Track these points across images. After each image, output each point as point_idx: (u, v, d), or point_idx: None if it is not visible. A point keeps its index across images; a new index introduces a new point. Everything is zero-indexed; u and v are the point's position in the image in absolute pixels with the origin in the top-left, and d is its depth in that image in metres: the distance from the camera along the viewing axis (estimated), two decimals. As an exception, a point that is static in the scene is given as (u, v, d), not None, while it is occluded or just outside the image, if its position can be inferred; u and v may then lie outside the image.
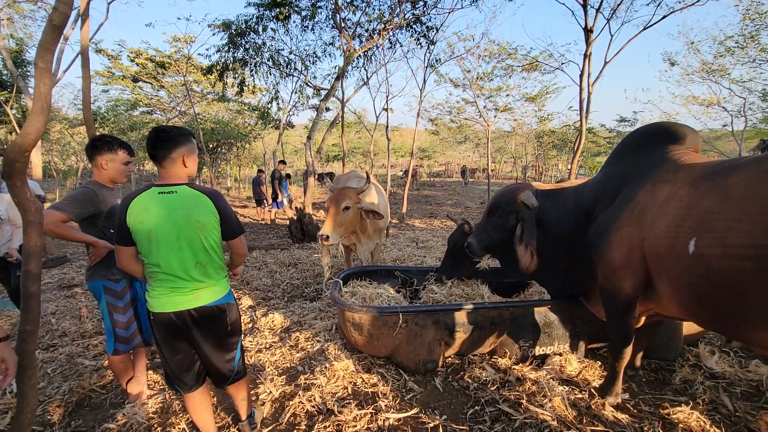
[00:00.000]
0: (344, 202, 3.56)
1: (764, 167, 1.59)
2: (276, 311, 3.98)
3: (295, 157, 37.62)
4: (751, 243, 1.50)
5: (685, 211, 1.81)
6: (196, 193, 1.73)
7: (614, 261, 2.18)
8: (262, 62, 9.33)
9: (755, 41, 12.92)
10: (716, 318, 1.76)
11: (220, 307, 1.82)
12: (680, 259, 1.78)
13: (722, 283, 1.62)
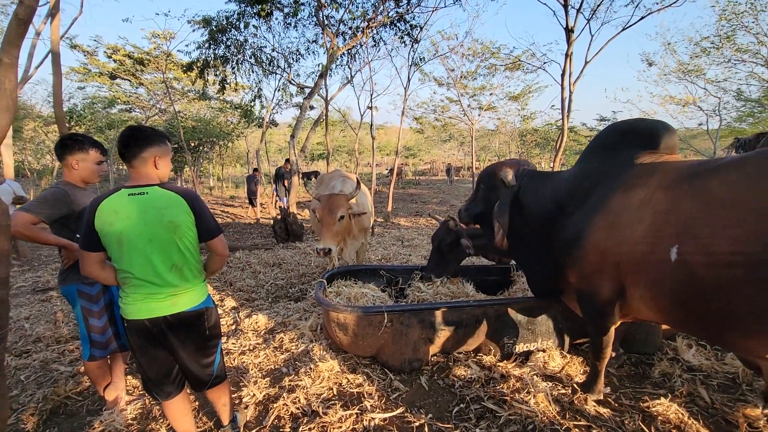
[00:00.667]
0: (339, 211, 3.42)
1: (746, 169, 1.56)
2: (260, 312, 3.92)
3: (279, 156, 37.19)
4: (740, 250, 1.46)
5: (664, 216, 1.77)
6: (168, 193, 1.67)
7: (589, 266, 2.15)
8: (244, 60, 9.18)
9: (731, 41, 13.33)
10: (699, 324, 1.72)
11: (198, 312, 1.77)
12: (660, 266, 1.74)
13: (707, 291, 1.58)
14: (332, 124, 24.47)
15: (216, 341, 1.89)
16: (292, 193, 7.85)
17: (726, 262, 1.49)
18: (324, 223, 3.42)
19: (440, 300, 3.32)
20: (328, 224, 3.39)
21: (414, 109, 17.05)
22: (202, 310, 1.78)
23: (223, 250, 1.84)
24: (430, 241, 3.80)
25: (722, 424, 2.20)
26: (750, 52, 13.34)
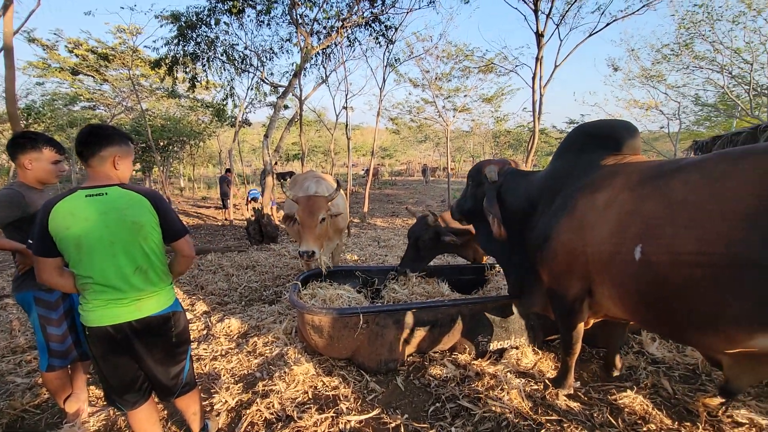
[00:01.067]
0: (320, 213, 3.34)
1: (706, 170, 1.58)
2: (233, 316, 3.83)
3: (253, 156, 36.51)
4: (702, 250, 1.47)
5: (628, 216, 1.79)
6: (129, 192, 1.59)
7: (558, 267, 2.20)
8: (215, 57, 8.94)
9: (689, 49, 14.04)
10: (663, 323, 1.76)
11: (164, 317, 1.70)
12: (626, 266, 1.75)
13: (670, 291, 1.60)
14: (307, 124, 24.24)
15: (185, 347, 1.83)
16: (266, 194, 7.70)
17: (688, 262, 1.51)
18: (305, 225, 3.33)
19: (416, 300, 3.33)
20: (310, 227, 3.30)
21: (390, 110, 17.11)
22: (168, 315, 1.72)
23: (189, 251, 1.77)
24: (407, 241, 3.81)
25: (684, 413, 2.30)
26: (707, 59, 14.10)
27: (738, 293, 1.40)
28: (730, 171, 1.49)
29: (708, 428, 2.15)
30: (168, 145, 16.57)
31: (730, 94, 14.26)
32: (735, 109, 14.79)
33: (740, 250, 1.38)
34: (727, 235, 1.41)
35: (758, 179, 1.39)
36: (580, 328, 2.33)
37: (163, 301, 1.71)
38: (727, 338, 1.51)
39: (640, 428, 2.16)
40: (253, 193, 11.93)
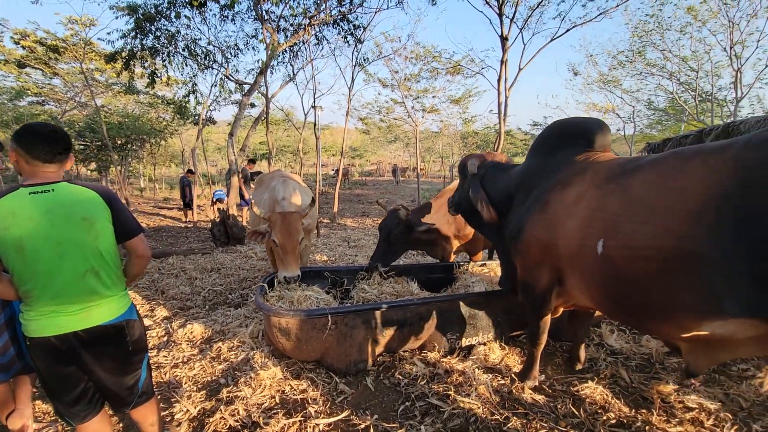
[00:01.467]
0: (299, 233, 3.20)
1: (661, 168, 1.66)
2: (195, 321, 3.67)
3: (219, 155, 35.42)
4: (654, 245, 1.54)
5: (593, 212, 1.86)
6: (79, 188, 1.50)
7: (530, 259, 2.28)
8: (176, 52, 8.56)
9: (642, 56, 14.87)
10: (624, 312, 1.85)
11: (117, 326, 1.59)
12: (590, 259, 1.83)
13: (629, 282, 1.67)
14: (275, 123, 23.74)
15: (141, 356, 1.72)
16: (231, 194, 7.47)
17: (643, 256, 1.59)
18: (286, 249, 3.15)
19: (385, 299, 3.32)
20: (292, 250, 3.13)
21: (359, 110, 17.04)
22: (122, 323, 1.61)
23: (144, 251, 1.67)
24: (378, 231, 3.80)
25: (640, 401, 2.41)
26: (657, 66, 14.99)
27: (687, 284, 1.48)
28: (679, 169, 1.57)
29: (662, 414, 2.26)
30: (126, 144, 15.75)
31: (679, 99, 15.22)
32: (683, 114, 15.81)
33: (687, 243, 1.45)
34: (675, 230, 1.49)
35: (703, 177, 1.47)
36: (547, 319, 2.42)
37: (116, 308, 1.60)
38: (680, 326, 1.60)
39: (601, 417, 2.24)
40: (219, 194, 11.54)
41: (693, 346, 1.73)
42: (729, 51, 12.73)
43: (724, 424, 2.16)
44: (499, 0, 8.05)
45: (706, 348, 1.68)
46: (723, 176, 1.40)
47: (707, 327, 1.51)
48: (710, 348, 1.67)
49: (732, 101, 13.54)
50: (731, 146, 1.46)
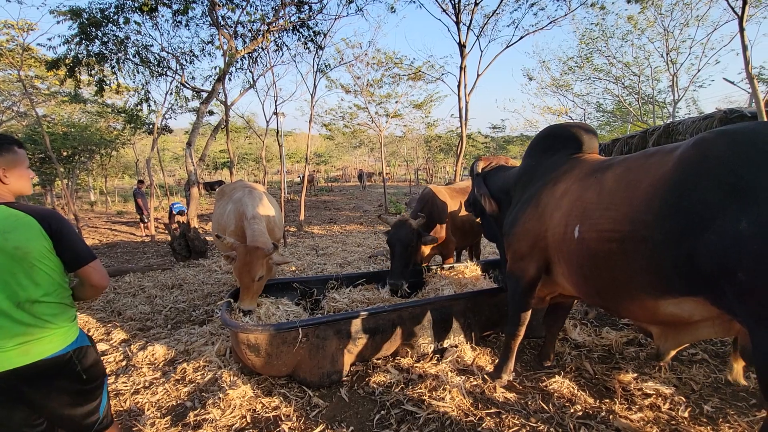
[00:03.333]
0: (258, 272, 3.07)
1: (628, 164, 1.87)
2: (157, 342, 3.48)
3: (177, 165, 34.02)
4: (615, 228, 1.74)
5: (574, 202, 2.07)
6: (15, 212, 1.36)
7: (521, 250, 2.44)
8: (126, 58, 8.14)
9: (589, 62, 15.79)
10: (598, 294, 2.01)
11: (63, 358, 1.45)
12: (570, 244, 2.02)
13: (598, 263, 1.85)
14: (236, 130, 23.12)
15: (98, 382, 1.59)
16: (192, 206, 7.18)
17: (607, 239, 1.79)
18: (242, 283, 3.08)
19: (356, 308, 3.30)
20: (247, 285, 3.06)
21: (322, 116, 16.95)
22: (68, 354, 1.47)
23: (98, 280, 1.53)
24: (346, 247, 3.76)
25: (603, 391, 2.53)
26: (604, 71, 15.96)
27: (641, 265, 1.65)
28: (640, 165, 1.78)
29: (623, 402, 2.39)
30: (73, 155, 14.77)
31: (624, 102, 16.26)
32: (629, 115, 16.89)
33: (639, 227, 1.63)
34: (631, 216, 1.68)
35: (655, 171, 1.66)
36: (528, 312, 2.56)
37: (61, 340, 1.46)
38: (643, 306, 1.76)
39: (569, 410, 2.33)
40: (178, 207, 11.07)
41: (661, 330, 1.89)
42: (665, 57, 13.77)
43: (679, 407, 2.31)
44: (456, 8, 8.29)
45: (672, 331, 1.84)
46: (669, 170, 1.58)
47: (666, 306, 1.67)
48: (675, 331, 1.83)
49: (671, 103, 14.63)
50: (681, 145, 1.65)
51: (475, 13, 8.47)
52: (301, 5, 8.12)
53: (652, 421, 2.21)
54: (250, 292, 3.06)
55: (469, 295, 3.19)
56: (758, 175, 1.32)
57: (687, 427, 2.16)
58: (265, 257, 3.13)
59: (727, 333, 1.66)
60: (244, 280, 3.06)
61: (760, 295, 1.28)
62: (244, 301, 3.04)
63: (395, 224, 3.63)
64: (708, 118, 7.05)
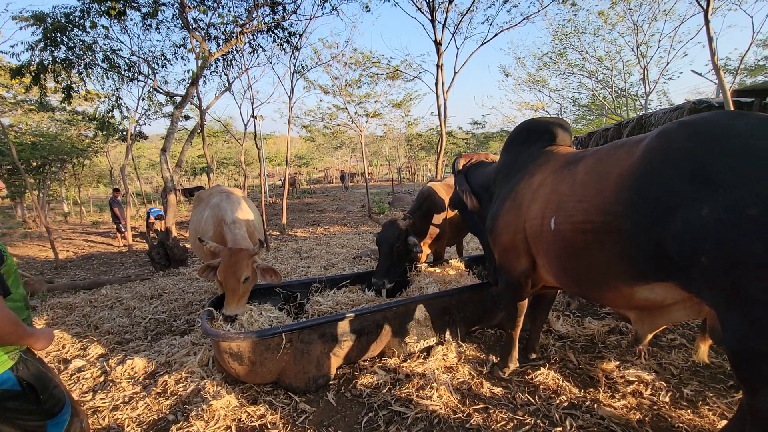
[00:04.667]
0: (243, 273, 3.00)
1: (598, 156, 1.91)
2: (136, 355, 3.37)
3: (154, 172, 33.21)
4: (588, 219, 1.78)
5: (549, 195, 2.10)
6: None
7: (504, 243, 2.47)
8: (94, 64, 7.89)
9: (563, 57, 16.09)
10: (577, 283, 2.05)
11: None
12: (547, 236, 2.06)
13: (575, 254, 1.90)
14: (213, 135, 22.70)
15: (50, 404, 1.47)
16: (169, 213, 7.00)
17: (581, 230, 1.82)
18: (227, 286, 2.98)
19: (341, 310, 3.26)
20: (233, 288, 2.97)
21: (301, 117, 16.80)
22: None
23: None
24: (330, 250, 3.72)
25: (588, 380, 2.57)
26: (578, 66, 16.30)
27: (615, 254, 1.69)
28: (610, 157, 1.82)
29: (607, 390, 2.42)
30: (43, 166, 14.26)
31: (598, 95, 16.64)
32: (603, 109, 17.28)
33: (610, 218, 1.68)
34: (602, 207, 1.72)
35: (624, 162, 1.69)
36: (524, 303, 2.60)
37: None
38: (619, 293, 1.80)
39: (554, 401, 2.35)
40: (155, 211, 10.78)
41: (638, 314, 1.94)
42: (636, 51, 14.14)
43: (660, 392, 2.37)
44: (430, 6, 8.31)
45: (648, 316, 1.89)
46: (636, 161, 1.62)
47: (640, 292, 1.72)
48: (651, 315, 1.88)
49: (643, 96, 15.04)
50: (647, 136, 1.69)
51: (449, 10, 8.52)
52: (274, 6, 8.00)
53: (635, 407, 2.25)
54: (236, 296, 2.98)
55: (454, 291, 3.20)
56: (716, 163, 1.36)
57: (668, 411, 2.21)
58: (250, 258, 3.07)
59: (698, 315, 1.72)
60: (230, 283, 2.98)
61: (722, 278, 1.33)
62: (230, 305, 2.96)
63: (385, 224, 3.66)
64: (678, 109, 7.27)
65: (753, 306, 1.29)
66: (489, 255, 3.10)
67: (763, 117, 1.40)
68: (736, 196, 1.29)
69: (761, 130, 1.34)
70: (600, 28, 14.30)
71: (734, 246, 1.28)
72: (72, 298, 5.31)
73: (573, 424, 2.13)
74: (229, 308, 2.95)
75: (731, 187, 1.30)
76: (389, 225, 3.62)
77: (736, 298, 1.32)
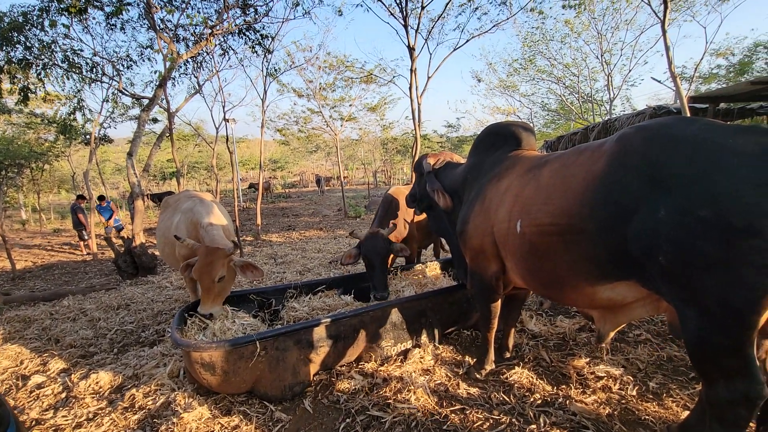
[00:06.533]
0: (218, 271, 2.95)
1: (562, 160, 1.96)
2: (101, 368, 3.21)
3: (120, 176, 31.94)
4: (553, 222, 1.82)
5: (516, 198, 2.14)
6: None
7: (475, 247, 2.49)
8: (54, 64, 7.51)
9: (533, 63, 16.59)
10: (543, 285, 2.10)
11: None
12: (514, 238, 2.10)
13: (540, 256, 1.94)
14: (184, 138, 22.10)
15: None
16: (137, 220, 6.74)
17: (546, 232, 1.87)
18: (202, 285, 2.95)
19: (317, 315, 3.23)
20: (207, 287, 2.94)
21: (275, 121, 16.57)
22: None
23: None
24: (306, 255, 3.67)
25: (560, 377, 2.64)
26: (546, 72, 16.84)
27: (579, 255, 1.75)
28: (573, 160, 1.88)
29: (578, 386, 2.50)
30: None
31: (566, 101, 17.24)
32: (571, 114, 17.92)
33: (574, 220, 1.73)
34: (566, 210, 1.77)
35: (586, 166, 1.76)
36: (497, 304, 2.62)
37: None
38: (583, 293, 1.86)
39: (528, 399, 2.40)
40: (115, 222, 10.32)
41: (601, 313, 2.01)
42: (600, 58, 14.76)
43: (628, 386, 2.46)
44: (403, 12, 8.40)
45: (610, 314, 1.96)
46: (597, 165, 1.69)
47: (603, 291, 1.78)
48: (613, 313, 1.95)
49: (607, 101, 15.69)
50: (608, 140, 1.76)
51: (421, 17, 8.64)
52: (246, 8, 7.88)
53: (604, 402, 2.33)
54: (211, 294, 2.94)
55: (429, 294, 3.22)
56: (670, 166, 1.44)
57: (636, 404, 2.29)
58: (227, 257, 3.02)
59: (657, 311, 1.80)
60: (205, 281, 2.94)
61: (678, 276, 1.40)
62: (205, 304, 2.92)
63: (368, 237, 3.58)
64: (640, 115, 7.63)
65: (707, 302, 1.36)
66: (456, 256, 3.14)
67: (713, 122, 1.49)
68: (688, 198, 1.36)
69: (711, 134, 1.42)
70: (567, 36, 14.87)
71: (688, 245, 1.35)
72: (31, 310, 5.02)
73: (546, 420, 2.18)
74: (204, 307, 2.92)
75: (683, 190, 1.38)
76: (374, 238, 3.56)
77: (692, 295, 1.40)
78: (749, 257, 1.25)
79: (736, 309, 1.32)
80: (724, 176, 1.31)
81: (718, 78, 15.61)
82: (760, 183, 1.25)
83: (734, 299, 1.31)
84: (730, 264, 1.29)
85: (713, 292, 1.34)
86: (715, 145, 1.37)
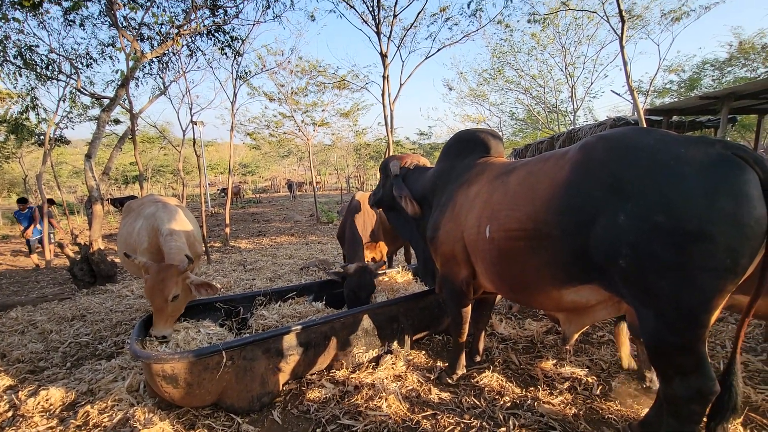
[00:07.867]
0: (171, 291, 2.80)
1: (528, 168, 2.01)
2: (52, 384, 3.00)
3: (78, 180, 30.31)
4: (521, 227, 1.87)
5: (485, 204, 2.18)
6: None
7: (445, 253, 2.51)
8: (6, 60, 7.07)
9: (501, 74, 17.12)
10: (512, 289, 2.14)
11: None
12: (483, 244, 2.13)
13: (508, 261, 1.99)
14: (149, 141, 21.28)
15: None
16: (95, 225, 6.38)
17: (514, 237, 1.92)
18: (154, 306, 2.79)
19: (287, 323, 3.16)
20: (159, 307, 2.79)
21: (246, 124, 16.23)
22: None
23: None
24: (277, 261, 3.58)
25: (528, 380, 2.69)
26: (514, 82, 17.42)
27: (545, 260, 1.80)
28: (539, 167, 1.94)
29: (546, 388, 2.55)
30: (-62, 173, 12.46)
31: (533, 111, 17.88)
32: (538, 123, 18.59)
33: (540, 225, 1.78)
34: (533, 216, 1.82)
35: (551, 173, 1.82)
36: (468, 309, 2.65)
37: None
38: (549, 297, 1.92)
39: (498, 402, 2.43)
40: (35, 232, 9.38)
41: (566, 316, 2.07)
42: (565, 71, 15.44)
43: (592, 386, 2.54)
44: (375, 19, 8.47)
45: (575, 316, 2.03)
46: (561, 172, 1.75)
47: (568, 295, 1.84)
48: (577, 315, 2.01)
49: (571, 112, 16.38)
50: (571, 149, 1.83)
51: (394, 24, 8.74)
52: (215, 9, 7.69)
53: (570, 402, 2.39)
54: (164, 315, 2.78)
55: (401, 299, 3.22)
56: (629, 174, 1.51)
57: (599, 404, 2.37)
58: (180, 275, 2.87)
59: (618, 312, 1.89)
60: (156, 302, 2.78)
61: (637, 279, 1.47)
62: (157, 325, 2.76)
63: (357, 272, 3.45)
64: (601, 125, 8.00)
65: (663, 303, 1.44)
66: (421, 260, 3.16)
67: (667, 133, 1.57)
68: (644, 205, 1.43)
69: (666, 145, 1.50)
70: (533, 49, 15.46)
71: (645, 250, 1.42)
72: (-27, 323, 4.63)
73: (516, 423, 2.21)
74: (156, 328, 2.76)
75: (641, 196, 1.45)
76: (363, 272, 3.45)
77: (649, 297, 1.47)
78: (700, 260, 1.33)
79: (689, 309, 1.39)
80: (677, 184, 1.38)
81: (670, 92, 16.65)
82: (709, 190, 1.33)
83: (687, 300, 1.38)
84: (683, 267, 1.36)
85: (668, 294, 1.40)
86: (670, 155, 1.45)
